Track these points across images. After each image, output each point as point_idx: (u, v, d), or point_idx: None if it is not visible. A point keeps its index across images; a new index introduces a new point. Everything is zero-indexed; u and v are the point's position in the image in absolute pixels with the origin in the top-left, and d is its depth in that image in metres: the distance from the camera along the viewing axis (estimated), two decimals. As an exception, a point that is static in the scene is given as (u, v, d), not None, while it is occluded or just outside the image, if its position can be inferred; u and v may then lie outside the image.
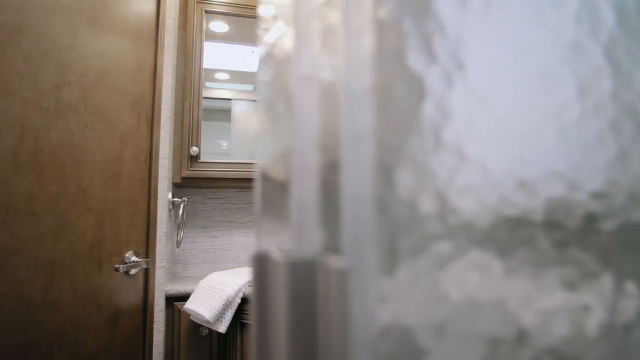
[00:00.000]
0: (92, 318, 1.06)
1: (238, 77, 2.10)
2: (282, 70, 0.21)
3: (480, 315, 0.20)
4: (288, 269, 0.16)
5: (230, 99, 2.09)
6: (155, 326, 1.29)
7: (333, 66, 0.19)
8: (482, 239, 0.21)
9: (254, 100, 2.17)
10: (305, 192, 0.18)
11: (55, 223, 0.97)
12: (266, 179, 0.19)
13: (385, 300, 0.18)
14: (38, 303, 0.92)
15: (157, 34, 1.35)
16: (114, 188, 1.15)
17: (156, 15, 1.36)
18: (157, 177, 1.31)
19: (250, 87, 2.17)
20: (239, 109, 2.10)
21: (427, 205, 0.19)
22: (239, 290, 1.33)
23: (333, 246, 0.18)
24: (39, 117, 0.94)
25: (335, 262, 0.15)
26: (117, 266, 1.11)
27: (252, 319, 0.19)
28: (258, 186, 0.20)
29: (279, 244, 0.20)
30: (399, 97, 0.19)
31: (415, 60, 0.20)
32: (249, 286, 1.37)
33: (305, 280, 0.16)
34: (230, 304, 1.31)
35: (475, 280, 0.20)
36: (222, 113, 2.04)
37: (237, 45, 1.97)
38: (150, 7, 1.34)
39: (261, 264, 0.19)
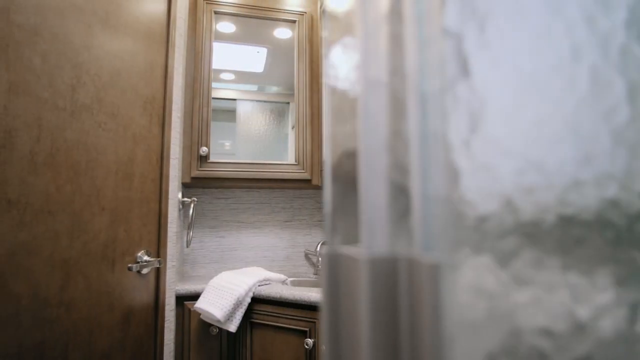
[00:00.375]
0: (105, 317, 1.07)
1: (243, 77, 2.11)
2: (349, 73, 0.22)
3: (539, 309, 0.21)
4: (369, 265, 0.17)
5: (234, 99, 2.10)
6: (165, 325, 1.30)
7: (400, 71, 0.20)
8: (541, 236, 0.21)
9: (259, 101, 2.18)
10: (375, 191, 0.19)
11: (70, 222, 0.98)
12: (335, 178, 0.20)
13: (454, 295, 0.18)
14: (54, 302, 0.93)
15: (167, 34, 1.36)
16: (126, 188, 1.16)
17: (167, 16, 1.37)
18: (167, 176, 1.31)
19: (254, 87, 2.18)
20: (244, 109, 2.11)
21: (490, 204, 0.20)
22: (249, 290, 1.33)
23: (404, 243, 0.19)
24: (55, 117, 0.95)
25: (427, 258, 0.16)
26: (130, 265, 1.12)
27: (324, 314, 0.20)
28: (327, 186, 0.21)
29: (347, 242, 0.21)
30: (464, 101, 0.20)
31: (476, 66, 0.20)
32: (259, 285, 1.38)
33: (387, 275, 0.17)
34: (240, 303, 1.31)
35: (534, 276, 0.21)
36: (227, 113, 2.05)
37: (243, 46, 1.98)
38: (161, 7, 1.34)
39: (334, 262, 0.19)
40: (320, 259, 1.74)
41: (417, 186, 0.19)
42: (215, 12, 1.63)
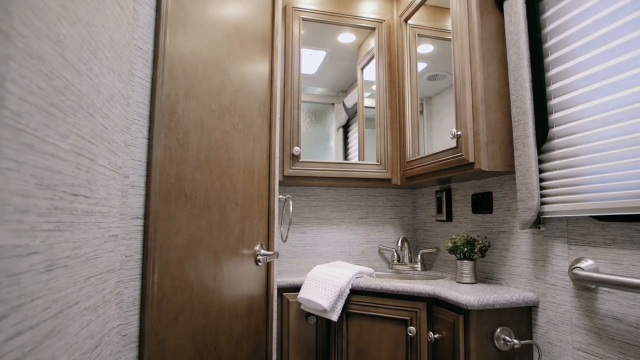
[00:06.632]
0: (238, 305, 1.15)
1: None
2: None
3: None
4: None
5: (283, 99, 2.17)
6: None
7: None
8: None
9: (304, 101, 2.26)
10: None
11: (219, 216, 1.06)
12: None
13: None
14: (210, 289, 1.01)
15: (272, 40, 1.44)
16: (249, 184, 1.24)
17: (271, 22, 1.45)
18: (274, 174, 1.40)
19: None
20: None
21: None
22: (349, 282, 1.42)
23: None
24: (210, 118, 1.03)
25: None
26: (258, 258, 1.19)
27: None
28: None
29: None
30: None
31: None
32: (357, 277, 1.46)
33: None
34: (342, 294, 1.40)
35: None
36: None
37: (303, 49, 2.06)
38: (268, 14, 1.42)
39: None
40: (396, 253, 1.83)
41: None
42: (303, 19, 1.71)
